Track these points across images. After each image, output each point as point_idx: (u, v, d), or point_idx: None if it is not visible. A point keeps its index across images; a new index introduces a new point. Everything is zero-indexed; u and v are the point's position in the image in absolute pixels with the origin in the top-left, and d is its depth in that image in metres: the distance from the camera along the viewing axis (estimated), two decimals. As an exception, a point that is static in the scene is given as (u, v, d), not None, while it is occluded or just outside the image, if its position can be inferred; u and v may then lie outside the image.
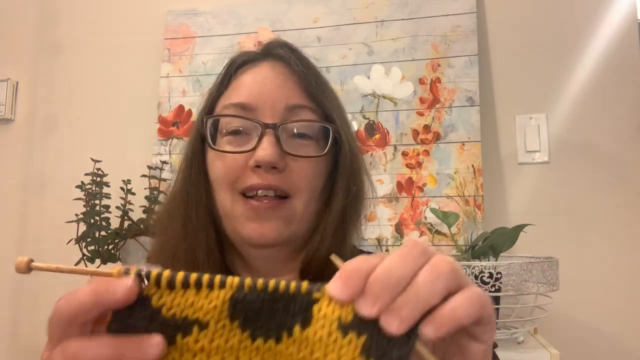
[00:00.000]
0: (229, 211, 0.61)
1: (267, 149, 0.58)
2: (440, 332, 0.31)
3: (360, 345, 0.31)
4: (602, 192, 1.33)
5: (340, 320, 0.31)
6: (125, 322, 0.31)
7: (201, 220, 0.63)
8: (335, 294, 0.31)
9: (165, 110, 1.57)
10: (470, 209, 1.32)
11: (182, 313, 0.31)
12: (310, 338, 0.31)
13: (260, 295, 0.32)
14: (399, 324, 0.30)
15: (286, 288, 0.32)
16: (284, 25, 1.54)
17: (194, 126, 0.68)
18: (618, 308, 1.28)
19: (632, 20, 1.35)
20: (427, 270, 0.32)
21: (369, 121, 1.43)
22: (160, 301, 0.31)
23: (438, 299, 0.31)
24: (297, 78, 0.64)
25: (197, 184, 0.64)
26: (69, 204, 1.33)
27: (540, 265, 1.01)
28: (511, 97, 1.41)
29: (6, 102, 1.71)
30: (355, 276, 0.31)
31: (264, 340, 0.32)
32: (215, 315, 0.31)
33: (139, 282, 0.31)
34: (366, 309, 0.31)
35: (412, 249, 0.33)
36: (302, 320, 0.32)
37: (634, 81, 1.34)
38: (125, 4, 1.72)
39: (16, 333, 1.62)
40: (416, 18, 1.46)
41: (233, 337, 0.32)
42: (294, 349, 0.32)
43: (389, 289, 0.31)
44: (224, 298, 0.31)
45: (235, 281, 0.32)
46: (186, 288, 0.32)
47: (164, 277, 0.31)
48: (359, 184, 0.66)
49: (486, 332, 0.34)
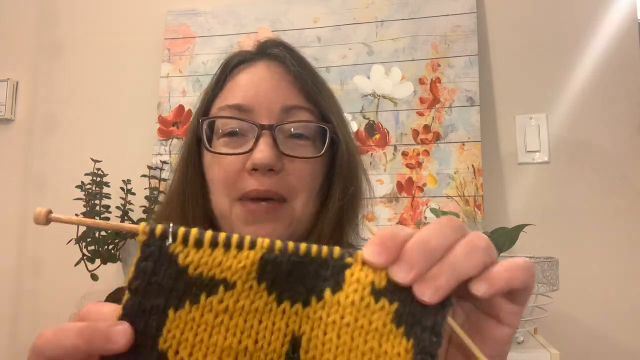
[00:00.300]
0: (227, 214, 0.61)
1: (264, 151, 0.58)
2: (492, 290, 0.31)
3: (392, 312, 0.30)
4: (602, 192, 1.33)
5: (374, 285, 0.30)
6: (149, 279, 0.30)
7: (198, 221, 0.62)
8: (370, 258, 0.31)
9: (165, 110, 1.57)
10: (470, 209, 1.32)
11: (210, 272, 0.30)
12: (342, 302, 0.31)
13: (291, 257, 0.31)
14: (432, 293, 0.30)
15: (318, 252, 0.31)
16: (284, 25, 1.54)
17: (189, 127, 0.67)
18: (618, 308, 1.28)
19: (632, 20, 1.35)
20: (464, 243, 0.31)
21: (369, 121, 1.43)
22: (187, 259, 0.30)
23: (475, 271, 0.31)
24: (293, 78, 0.63)
25: (193, 185, 0.64)
26: (69, 204, 1.33)
27: (540, 265, 1.01)
28: (511, 97, 1.41)
29: (6, 102, 1.70)
30: (392, 242, 0.31)
31: (291, 303, 0.31)
32: (244, 276, 0.30)
33: (163, 240, 0.30)
34: (401, 275, 0.30)
35: (449, 222, 0.32)
36: (334, 284, 0.31)
37: (634, 81, 1.34)
38: (125, 4, 1.71)
39: (16, 333, 1.62)
40: (416, 18, 1.46)
41: (259, 299, 0.31)
42: (323, 313, 0.31)
43: (426, 257, 0.30)
44: (254, 259, 0.31)
45: (266, 242, 0.31)
46: (214, 247, 0.31)
47: (192, 235, 0.30)
48: (356, 184, 0.66)
49: (524, 301, 0.34)
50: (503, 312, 0.33)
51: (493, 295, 0.31)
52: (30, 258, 1.64)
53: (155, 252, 0.30)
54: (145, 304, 0.30)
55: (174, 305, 0.30)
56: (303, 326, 0.31)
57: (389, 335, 0.30)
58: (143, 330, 0.30)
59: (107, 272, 1.35)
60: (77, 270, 1.28)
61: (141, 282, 0.30)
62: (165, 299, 0.30)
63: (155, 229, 0.30)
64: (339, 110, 0.67)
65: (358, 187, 0.66)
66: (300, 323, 0.31)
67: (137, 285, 0.30)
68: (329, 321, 0.31)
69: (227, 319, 0.30)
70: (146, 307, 0.30)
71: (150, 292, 0.30)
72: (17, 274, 1.64)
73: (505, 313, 0.33)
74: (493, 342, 0.34)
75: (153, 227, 0.30)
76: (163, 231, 0.30)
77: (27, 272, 1.63)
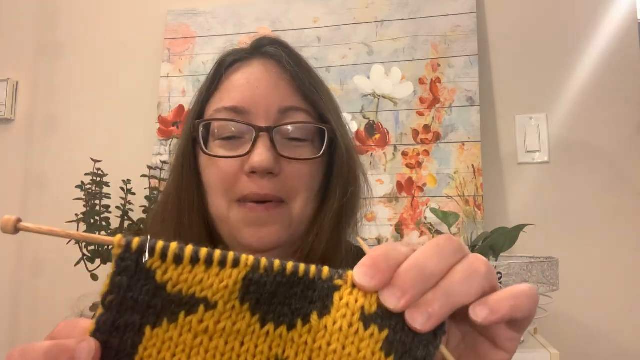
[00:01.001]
0: (225, 217, 0.60)
1: (263, 154, 0.57)
2: (493, 318, 0.29)
3: (382, 339, 0.29)
4: (602, 192, 1.33)
5: (364, 310, 0.29)
6: (124, 295, 0.28)
7: (194, 225, 0.62)
8: (361, 281, 0.29)
9: (165, 110, 1.57)
10: (470, 209, 1.32)
11: (189, 290, 0.29)
12: (329, 327, 0.29)
13: (276, 278, 0.29)
14: (425, 321, 0.28)
15: (305, 272, 0.30)
16: (284, 25, 1.54)
17: (184, 128, 0.66)
18: (618, 308, 1.28)
19: (632, 20, 1.35)
20: (462, 268, 0.30)
21: (369, 121, 1.43)
22: (165, 276, 0.29)
23: (472, 299, 0.29)
24: (290, 78, 0.62)
25: (189, 187, 0.63)
26: (69, 204, 1.33)
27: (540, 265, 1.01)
28: (511, 97, 1.41)
29: (6, 102, 1.70)
30: (384, 264, 0.29)
31: (276, 326, 0.30)
32: (226, 296, 0.29)
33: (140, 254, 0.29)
34: (393, 301, 0.28)
35: (447, 243, 0.31)
36: (321, 307, 0.30)
37: (634, 81, 1.34)
38: (125, 4, 1.71)
39: (16, 333, 1.62)
40: (416, 18, 1.46)
41: (241, 320, 0.29)
42: (309, 338, 0.29)
43: (421, 282, 0.29)
44: (237, 278, 0.29)
45: (250, 260, 0.29)
46: (195, 264, 0.29)
47: (171, 251, 0.29)
48: (355, 184, 0.65)
49: (524, 328, 0.32)
50: (500, 338, 0.32)
51: (493, 323, 0.29)
52: (30, 258, 1.64)
53: (131, 266, 0.29)
54: (120, 320, 0.28)
55: (151, 323, 0.29)
56: (287, 350, 0.30)
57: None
58: (117, 347, 0.28)
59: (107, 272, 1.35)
60: (77, 270, 1.28)
61: (115, 297, 0.28)
62: (141, 316, 0.29)
63: (131, 242, 0.29)
64: (337, 110, 0.66)
65: (357, 187, 0.65)
66: (284, 347, 0.30)
67: (111, 300, 0.28)
68: (315, 347, 0.29)
69: (206, 340, 0.29)
70: (120, 323, 0.28)
71: (125, 308, 0.28)
72: (17, 274, 1.64)
73: (503, 339, 0.32)
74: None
75: (129, 241, 0.29)
76: (140, 245, 0.29)
77: (27, 272, 1.63)
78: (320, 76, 0.67)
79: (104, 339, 0.28)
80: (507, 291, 0.30)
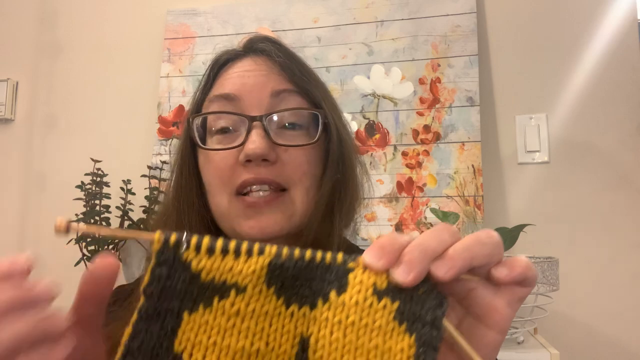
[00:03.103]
0: (226, 212, 0.60)
1: (257, 142, 0.57)
2: (453, 272, 0.32)
3: (394, 310, 0.32)
4: (602, 192, 1.33)
5: (376, 286, 0.32)
6: (164, 284, 0.31)
7: (194, 226, 0.62)
8: (370, 262, 0.33)
9: (165, 110, 1.57)
10: (470, 209, 1.32)
11: (221, 277, 0.32)
12: (347, 302, 0.32)
13: (297, 263, 0.33)
14: (447, 270, 0.32)
15: (322, 258, 0.33)
16: (284, 25, 1.54)
17: (182, 129, 0.67)
18: (618, 308, 1.28)
19: (632, 20, 1.35)
20: (473, 234, 0.34)
21: (369, 121, 1.43)
22: (200, 265, 0.32)
23: (485, 259, 0.33)
24: (280, 68, 0.62)
25: (188, 188, 0.63)
26: (69, 204, 1.33)
27: (540, 265, 1.01)
28: (511, 97, 1.41)
29: (6, 102, 1.70)
30: (390, 247, 0.33)
31: (299, 306, 0.33)
32: (254, 280, 0.32)
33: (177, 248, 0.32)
34: (402, 276, 0.32)
35: (445, 227, 0.35)
36: (338, 286, 0.33)
37: (634, 81, 1.34)
38: (125, 4, 1.71)
39: (16, 333, 1.61)
40: (416, 18, 1.46)
41: (268, 303, 0.32)
42: (329, 314, 0.32)
43: (425, 258, 0.32)
44: (263, 264, 0.32)
45: (274, 249, 0.33)
46: (225, 254, 0.32)
47: (204, 243, 0.32)
48: (347, 171, 0.64)
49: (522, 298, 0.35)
50: (494, 318, 0.35)
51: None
52: (30, 258, 1.63)
53: (169, 258, 0.32)
54: (160, 307, 0.31)
55: (188, 308, 0.32)
56: (311, 327, 0.33)
57: (392, 332, 0.32)
58: (159, 332, 0.31)
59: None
60: (77, 270, 1.28)
61: (156, 287, 0.31)
62: (179, 302, 0.32)
63: (169, 237, 0.32)
64: (330, 97, 0.66)
65: (350, 173, 0.65)
66: (308, 325, 0.33)
67: (151, 290, 0.31)
68: (335, 321, 0.32)
69: (239, 322, 0.32)
70: (161, 310, 0.31)
71: (164, 296, 0.31)
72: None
73: (496, 318, 0.35)
74: (483, 348, 0.35)
75: (168, 236, 0.32)
76: (177, 239, 0.32)
77: (27, 272, 1.63)
78: (312, 69, 0.67)
79: (145, 326, 0.31)
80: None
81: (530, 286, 0.35)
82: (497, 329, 0.35)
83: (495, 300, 0.35)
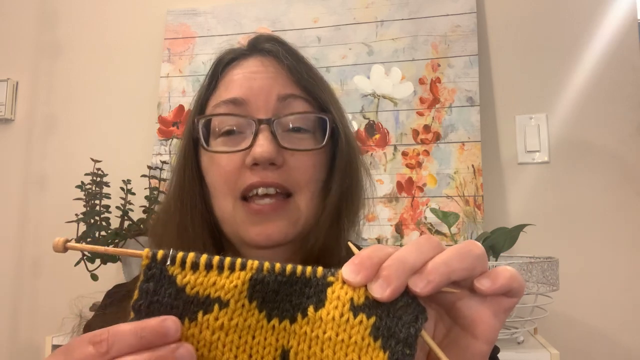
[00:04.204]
0: (230, 217, 0.59)
1: (264, 145, 0.56)
2: (430, 287, 0.32)
3: (369, 326, 0.32)
4: (602, 192, 1.33)
5: (353, 301, 0.33)
6: (151, 299, 0.32)
7: (197, 228, 0.60)
8: (348, 278, 0.33)
9: (165, 110, 1.57)
10: (470, 209, 1.32)
11: (205, 291, 0.33)
12: (324, 317, 0.33)
13: (278, 277, 0.33)
14: (424, 285, 0.32)
15: (302, 272, 0.34)
16: (284, 25, 1.54)
17: (185, 129, 0.65)
18: (618, 308, 1.28)
19: (632, 20, 1.35)
20: (455, 247, 0.34)
21: (369, 121, 1.43)
22: (184, 280, 0.33)
23: (465, 272, 0.33)
24: (288, 71, 0.61)
25: (191, 190, 0.62)
26: (69, 204, 1.33)
27: (540, 265, 1.01)
28: (511, 97, 1.41)
29: (6, 102, 1.70)
30: (369, 262, 0.33)
31: (280, 320, 0.34)
32: (236, 295, 0.33)
33: (163, 264, 0.33)
34: (379, 291, 0.32)
35: (426, 240, 0.34)
36: (317, 301, 0.33)
37: (634, 81, 1.34)
38: (125, 4, 1.71)
39: (16, 333, 1.62)
40: (416, 18, 1.46)
41: (251, 317, 0.33)
42: (307, 328, 0.33)
43: (403, 273, 0.32)
44: (244, 278, 0.33)
45: (255, 264, 0.34)
46: (209, 269, 0.33)
47: (189, 259, 0.33)
48: (355, 177, 0.64)
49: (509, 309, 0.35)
50: (480, 328, 0.35)
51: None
52: (30, 258, 1.64)
53: (156, 274, 0.33)
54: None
55: None
56: (291, 341, 0.34)
57: (367, 348, 0.32)
58: None
59: (107, 272, 1.35)
60: (77, 270, 1.28)
61: (144, 302, 0.32)
62: (165, 315, 0.32)
63: (156, 254, 0.33)
64: (337, 101, 0.65)
65: (357, 180, 0.64)
66: (288, 338, 0.34)
67: (139, 305, 0.32)
68: (313, 336, 0.33)
69: (223, 336, 0.33)
70: None
71: (152, 310, 0.32)
72: (17, 274, 1.64)
73: (482, 329, 0.35)
74: (469, 358, 0.35)
75: (155, 252, 0.33)
76: (163, 256, 0.33)
77: (27, 272, 1.63)
78: (319, 72, 0.66)
79: None
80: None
81: (516, 297, 0.35)
82: (483, 339, 0.35)
83: (481, 310, 0.35)
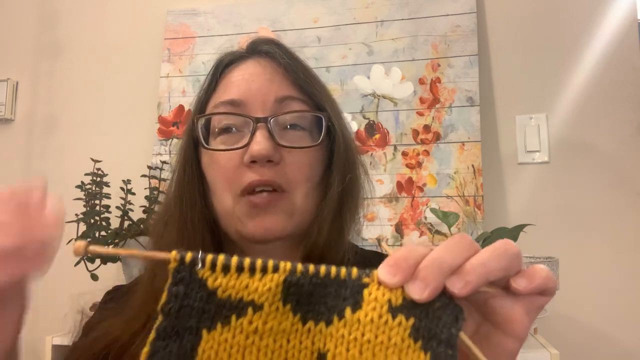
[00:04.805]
0: (230, 212, 0.61)
1: (262, 143, 0.58)
2: (469, 288, 0.32)
3: (409, 327, 0.32)
4: (602, 192, 1.33)
5: (391, 303, 0.32)
6: (181, 302, 0.32)
7: (197, 225, 0.62)
8: (385, 279, 0.33)
9: (165, 110, 1.57)
10: (470, 209, 1.32)
11: (237, 295, 0.32)
12: (362, 320, 0.32)
13: (312, 279, 0.33)
14: (462, 286, 0.32)
15: (337, 273, 0.33)
16: (284, 25, 1.54)
17: (185, 130, 0.67)
18: (618, 308, 1.28)
19: (632, 20, 1.35)
20: (490, 247, 0.34)
21: (369, 121, 1.43)
22: (215, 283, 0.32)
23: (501, 272, 0.33)
24: (285, 71, 0.63)
25: (191, 188, 0.63)
26: (69, 204, 1.32)
27: (540, 265, 1.01)
28: (511, 97, 1.41)
29: (6, 102, 1.70)
30: (404, 263, 0.33)
31: (315, 323, 0.33)
32: (270, 298, 0.32)
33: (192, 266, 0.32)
34: (417, 292, 0.32)
35: (461, 240, 0.34)
36: (353, 303, 0.33)
37: (634, 81, 1.34)
38: (125, 4, 1.71)
39: (16, 333, 1.62)
40: (416, 18, 1.46)
41: (285, 320, 0.33)
42: (345, 331, 0.32)
43: (441, 274, 0.32)
44: (278, 281, 0.32)
45: (288, 265, 0.33)
46: (240, 272, 0.32)
47: (219, 261, 0.32)
48: (354, 172, 0.65)
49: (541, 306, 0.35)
50: (512, 326, 0.35)
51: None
52: (30, 258, 1.63)
53: (185, 277, 0.32)
54: (179, 325, 0.31)
55: (206, 327, 0.32)
56: (327, 344, 0.33)
57: (407, 350, 0.32)
58: (177, 351, 0.31)
59: (107, 272, 1.35)
60: (77, 270, 1.28)
61: (173, 305, 0.31)
62: (197, 320, 0.32)
63: (185, 256, 0.32)
64: (333, 101, 0.67)
65: (356, 175, 0.66)
66: (324, 341, 0.33)
67: (169, 308, 0.31)
68: (351, 338, 0.32)
69: (257, 340, 0.32)
70: (179, 328, 0.31)
71: (183, 314, 0.31)
72: (17, 274, 1.64)
73: (515, 327, 0.35)
74: (500, 355, 0.35)
75: (183, 255, 0.32)
76: (192, 258, 0.32)
77: (27, 272, 1.63)
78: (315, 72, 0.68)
79: (164, 344, 0.31)
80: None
81: (550, 295, 0.35)
82: (516, 337, 0.35)
83: (514, 309, 0.35)
